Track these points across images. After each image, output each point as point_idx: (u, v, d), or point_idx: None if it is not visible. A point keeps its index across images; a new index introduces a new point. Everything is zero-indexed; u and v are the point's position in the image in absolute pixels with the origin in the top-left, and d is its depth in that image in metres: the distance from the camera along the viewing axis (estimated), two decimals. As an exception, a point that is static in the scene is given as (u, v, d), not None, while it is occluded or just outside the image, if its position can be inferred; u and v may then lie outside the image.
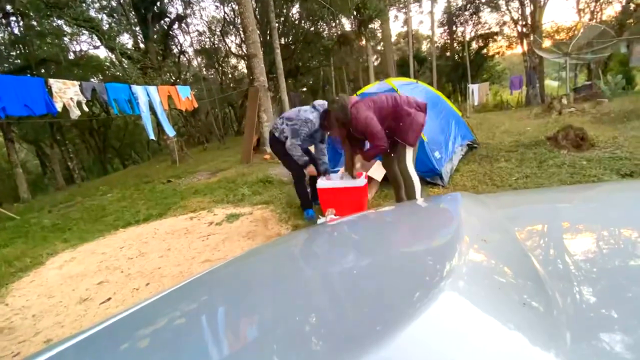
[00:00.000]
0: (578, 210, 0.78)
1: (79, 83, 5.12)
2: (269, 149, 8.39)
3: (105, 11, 12.98)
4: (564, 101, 8.71)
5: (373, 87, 4.95)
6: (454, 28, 24.83)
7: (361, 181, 3.18)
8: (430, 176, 3.98)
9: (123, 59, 10.82)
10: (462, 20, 22.85)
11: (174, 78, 17.73)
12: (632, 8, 15.48)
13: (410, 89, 4.78)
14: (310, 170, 3.41)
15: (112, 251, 3.61)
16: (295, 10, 17.49)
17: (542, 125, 6.72)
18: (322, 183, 3.31)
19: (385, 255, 0.72)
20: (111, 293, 2.63)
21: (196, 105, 7.83)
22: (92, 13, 12.07)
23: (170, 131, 7.16)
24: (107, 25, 12.17)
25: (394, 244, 0.79)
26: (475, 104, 15.01)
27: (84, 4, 10.63)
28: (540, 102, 14.01)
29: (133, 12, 12.13)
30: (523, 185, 3.50)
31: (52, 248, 4.01)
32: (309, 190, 3.59)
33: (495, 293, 0.45)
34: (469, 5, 21.36)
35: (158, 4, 12.59)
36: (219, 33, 20.30)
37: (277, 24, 13.16)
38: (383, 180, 4.18)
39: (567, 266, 0.54)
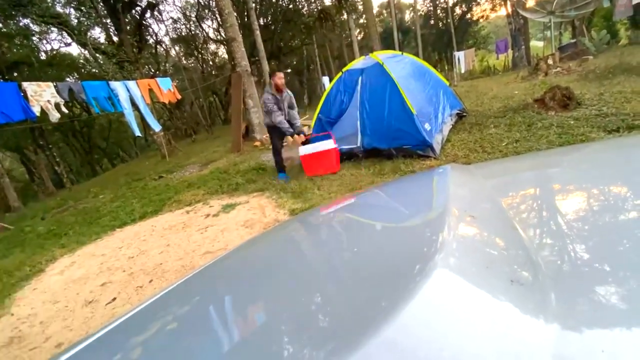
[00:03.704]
0: (565, 172, 0.79)
1: (54, 84, 4.93)
2: (258, 136, 8.30)
3: (72, 5, 12.34)
4: (550, 61, 8.67)
5: (358, 62, 4.86)
6: (436, -6, 24.22)
7: (331, 144, 4.24)
8: (422, 148, 3.99)
9: (97, 55, 10.40)
10: (444, -15, 22.26)
11: (153, 70, 17.20)
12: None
13: (396, 62, 4.71)
14: (296, 139, 4.29)
15: (112, 252, 3.61)
16: (271, -13, 16.84)
17: (530, 88, 6.72)
18: (303, 150, 4.35)
19: (380, 234, 0.73)
20: (116, 293, 2.65)
21: (179, 97, 7.64)
22: (59, 8, 11.48)
23: (155, 126, 7.00)
24: (76, 20, 11.61)
25: (388, 222, 0.80)
26: (462, 71, 14.89)
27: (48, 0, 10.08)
28: (526, 64, 13.93)
29: (101, 4, 11.56)
30: (513, 150, 3.53)
31: (51, 254, 3.99)
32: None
33: (483, 266, 0.46)
34: (449, -31, 20.77)
35: (127, -8, 11.99)
36: (194, 19, 19.54)
37: (254, 4, 12.68)
38: (371, 156, 4.38)
39: (555, 228, 0.55)
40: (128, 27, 12.79)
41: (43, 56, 14.60)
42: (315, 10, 16.89)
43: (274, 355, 0.42)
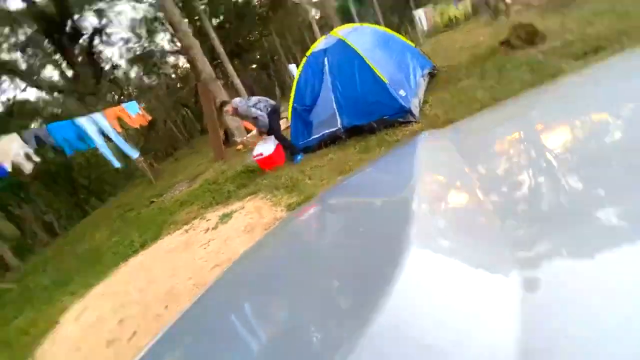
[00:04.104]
0: (536, 120, 0.79)
1: (19, 135, 4.75)
2: (239, 139, 8.18)
3: (17, 49, 11.79)
4: (508, 0, 8.62)
5: (320, 43, 4.77)
6: (384, -45, 23.63)
7: (271, 148, 4.76)
8: (402, 115, 3.99)
9: (55, 94, 10.03)
10: (389, -55, 21.72)
11: (117, 97, 16.70)
12: None
13: (358, 34, 4.64)
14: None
15: (121, 287, 3.59)
16: (216, -15, 16.26)
17: (494, 32, 6.69)
18: (256, 152, 4.87)
19: (363, 220, 0.75)
20: (135, 327, 2.65)
21: (149, 118, 7.46)
22: (4, 55, 10.97)
23: (132, 153, 6.86)
24: (25, 64, 11.13)
25: (368, 208, 0.83)
26: (425, 29, 14.77)
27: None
28: (487, 8, 13.84)
29: (47, 40, 11.06)
30: (489, 97, 3.54)
31: (61, 305, 3.95)
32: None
33: (455, 247, 0.48)
34: None
35: (69, 22, 11.47)
36: (145, 34, 18.86)
37: (202, 6, 12.27)
38: (354, 135, 4.37)
39: (530, 191, 0.54)
40: (80, 59, 12.31)
41: (0, 108, 14.02)
42: (266, -2, 16.44)
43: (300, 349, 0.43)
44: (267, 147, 4.85)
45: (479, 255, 0.44)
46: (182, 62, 21.67)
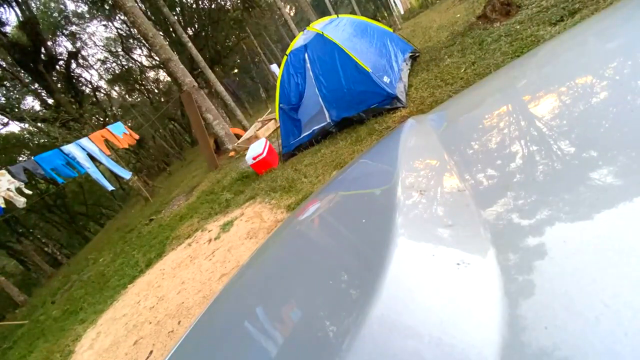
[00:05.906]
0: (518, 94, 0.78)
1: (6, 170, 4.69)
2: (230, 146, 8.15)
3: (-8, 82, 11.60)
4: (480, -27, 8.60)
5: (299, 39, 4.73)
6: (351, -57, 23.47)
7: (263, 152, 4.79)
8: (389, 102, 3.98)
9: (39, 124, 9.90)
10: None
11: (102, 119, 16.51)
12: None
13: (335, 26, 4.61)
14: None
15: (132, 309, 3.58)
16: (186, -6, 16.02)
17: (469, 7, 6.68)
18: (250, 158, 4.85)
19: (357, 214, 0.75)
20: (150, 346, 2.65)
21: (137, 137, 7.38)
22: (-21, 91, 10.79)
23: (124, 174, 6.80)
24: (4, 98, 10.95)
25: (360, 201, 0.83)
26: (402, 12, 14.73)
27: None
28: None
29: (22, 71, 10.87)
30: (473, 73, 3.55)
31: (74, 333, 3.94)
32: None
33: (435, 233, 0.50)
34: None
35: (43, 50, 11.26)
36: (122, 52, 18.62)
37: (175, 17, 12.13)
38: (344, 128, 4.35)
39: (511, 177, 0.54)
40: (59, 85, 12.12)
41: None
42: (238, 1, 16.23)
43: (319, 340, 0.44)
44: (257, 149, 4.87)
45: (462, 242, 0.45)
46: (163, 75, 21.47)
